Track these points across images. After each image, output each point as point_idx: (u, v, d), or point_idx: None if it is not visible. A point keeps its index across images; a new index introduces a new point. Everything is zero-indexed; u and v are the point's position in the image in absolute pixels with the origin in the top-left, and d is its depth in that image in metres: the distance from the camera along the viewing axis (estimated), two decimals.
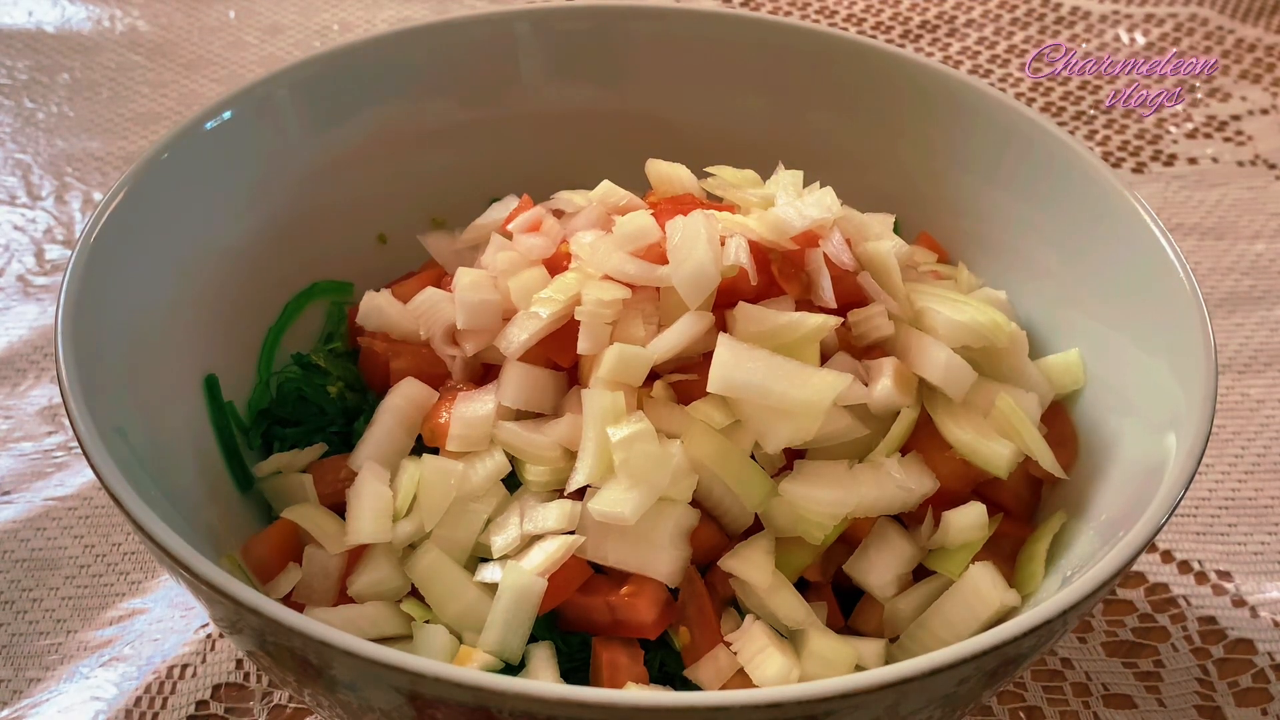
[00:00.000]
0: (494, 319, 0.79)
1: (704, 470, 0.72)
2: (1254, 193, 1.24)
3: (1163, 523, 0.65)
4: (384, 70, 0.93)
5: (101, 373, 0.71)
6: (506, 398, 0.76)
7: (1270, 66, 1.41)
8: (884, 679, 0.56)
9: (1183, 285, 0.76)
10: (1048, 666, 0.86)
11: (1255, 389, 1.05)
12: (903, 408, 0.75)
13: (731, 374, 0.70)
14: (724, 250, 0.74)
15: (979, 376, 0.77)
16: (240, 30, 1.41)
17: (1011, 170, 0.90)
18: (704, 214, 0.76)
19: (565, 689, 0.55)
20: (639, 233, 0.77)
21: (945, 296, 0.80)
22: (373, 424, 0.79)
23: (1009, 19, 1.47)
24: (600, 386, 0.72)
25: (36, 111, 1.29)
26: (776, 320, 0.73)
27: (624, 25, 0.97)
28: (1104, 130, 1.32)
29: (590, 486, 0.71)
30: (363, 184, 0.94)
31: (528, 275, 0.79)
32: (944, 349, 0.75)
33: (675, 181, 0.86)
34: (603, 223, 0.83)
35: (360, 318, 0.85)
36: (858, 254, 0.79)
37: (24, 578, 0.90)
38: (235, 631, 0.64)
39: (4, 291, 1.10)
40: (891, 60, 0.94)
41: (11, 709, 0.82)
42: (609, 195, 0.85)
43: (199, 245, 0.84)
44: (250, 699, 0.83)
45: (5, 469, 0.96)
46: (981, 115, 0.91)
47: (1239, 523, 0.95)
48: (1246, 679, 0.85)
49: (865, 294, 0.78)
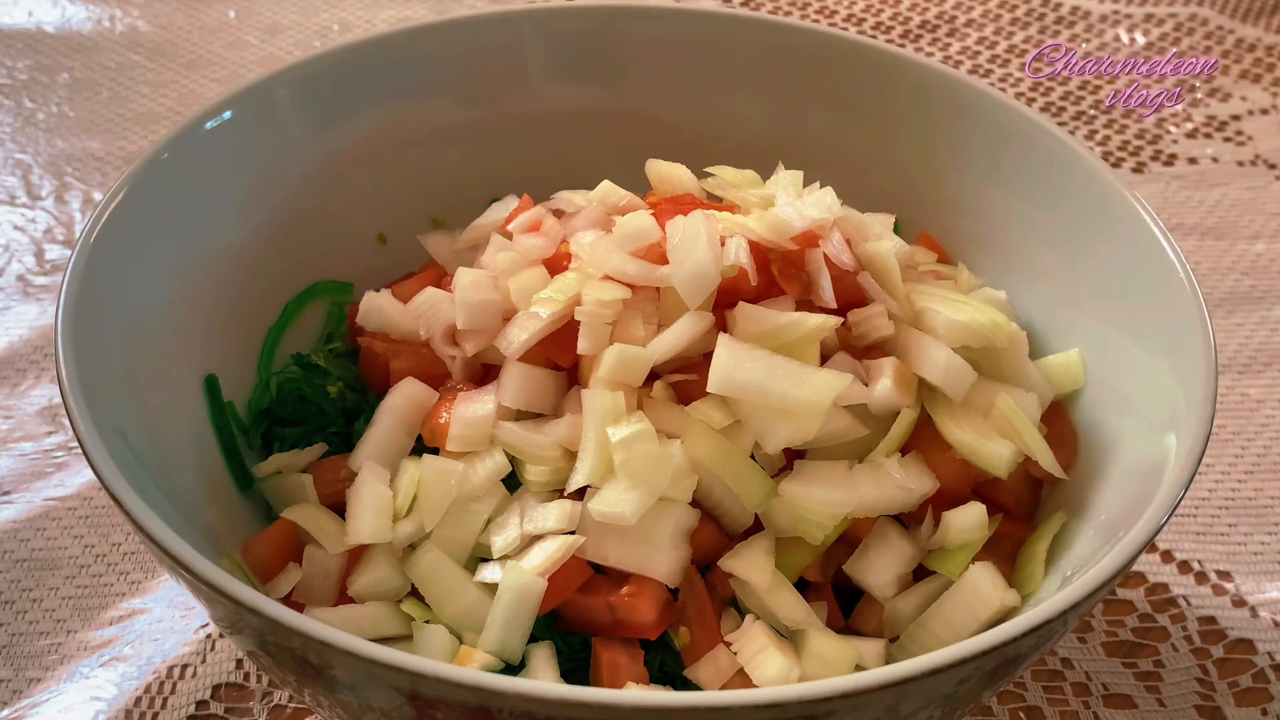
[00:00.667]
0: (494, 319, 0.79)
1: (704, 470, 0.72)
2: (1254, 193, 1.24)
3: (1163, 523, 0.65)
4: (384, 70, 0.93)
5: (101, 373, 0.71)
6: (506, 398, 0.76)
7: (1270, 66, 1.41)
8: (884, 679, 0.56)
9: (1183, 285, 0.76)
10: (1048, 666, 0.86)
11: (1255, 389, 1.05)
12: (903, 408, 0.75)
13: (731, 374, 0.70)
14: (724, 250, 0.74)
15: (979, 376, 0.77)
16: (240, 30, 1.41)
17: (1011, 170, 0.90)
18: (704, 214, 0.76)
19: (565, 689, 0.55)
20: (639, 233, 0.77)
21: (945, 296, 0.80)
22: (373, 424, 0.79)
23: (1009, 19, 1.47)
24: (600, 386, 0.72)
25: (36, 111, 1.29)
26: (776, 320, 0.73)
27: (624, 25, 0.97)
28: (1104, 130, 1.32)
29: (590, 486, 0.71)
30: (363, 184, 0.94)
31: (528, 275, 0.79)
32: (944, 349, 0.75)
33: (675, 181, 0.86)
34: (603, 223, 0.83)
35: (360, 318, 0.85)
36: (858, 254, 0.79)
37: (24, 578, 0.90)
38: (235, 631, 0.64)
39: (4, 291, 1.10)
40: (891, 60, 0.94)
41: (11, 709, 0.82)
42: (609, 195, 0.85)
43: (199, 245, 0.84)
44: (250, 699, 0.83)
45: (5, 469, 0.96)
46: (981, 115, 0.91)
47: (1239, 523, 0.95)
48: (1246, 679, 0.85)
49: (865, 294, 0.78)
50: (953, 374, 0.75)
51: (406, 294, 0.86)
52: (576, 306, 0.75)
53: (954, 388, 0.75)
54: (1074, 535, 0.75)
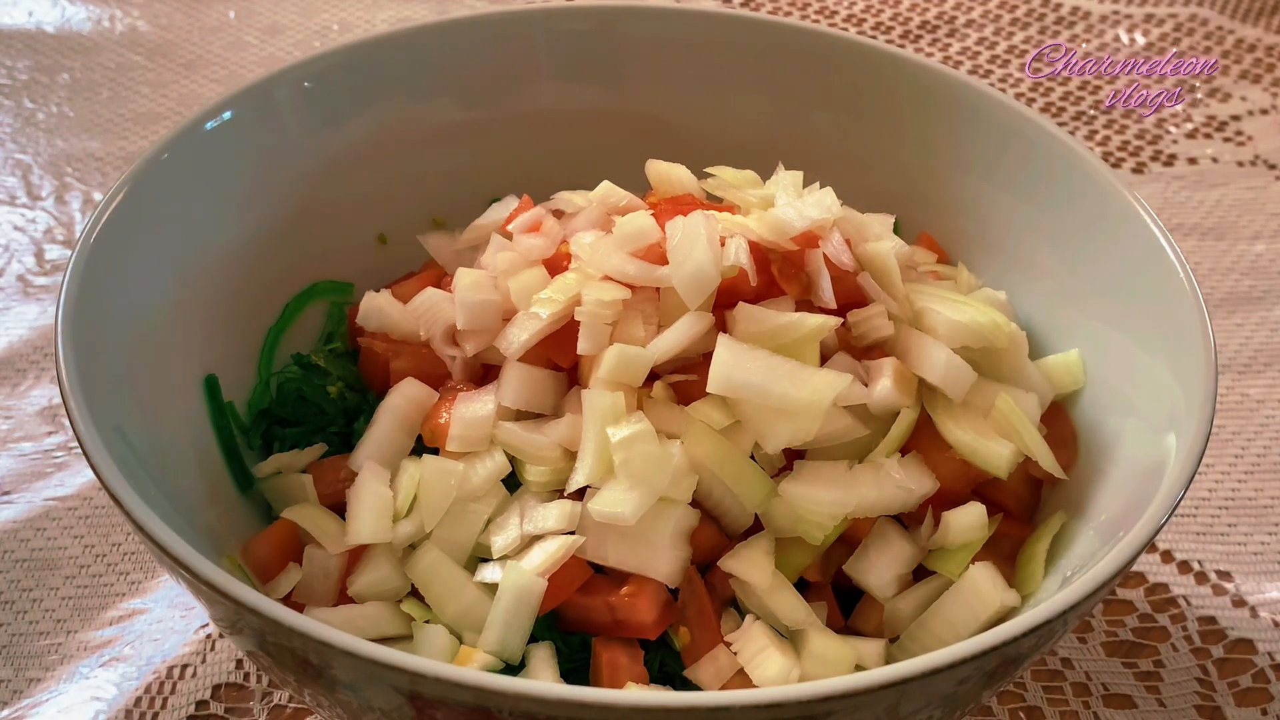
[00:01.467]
0: (494, 319, 0.79)
1: (704, 470, 0.72)
2: (1254, 193, 1.24)
3: (1163, 523, 0.65)
4: (384, 70, 0.93)
5: (101, 373, 0.71)
6: (506, 398, 0.76)
7: (1270, 66, 1.41)
8: (884, 679, 0.56)
9: (1183, 285, 0.76)
10: (1048, 666, 0.86)
11: (1255, 389, 1.05)
12: (903, 408, 0.74)
13: (731, 374, 0.70)
14: (724, 251, 0.74)
15: (979, 377, 0.77)
16: (240, 30, 1.41)
17: (1011, 170, 0.90)
18: (704, 214, 0.76)
19: (565, 689, 0.55)
20: (639, 233, 0.77)
21: (945, 297, 0.80)
22: (373, 424, 0.79)
23: (1009, 19, 1.47)
24: (600, 387, 0.72)
25: (36, 111, 1.29)
26: (776, 321, 0.73)
27: (624, 25, 0.97)
28: (1104, 130, 1.32)
29: (590, 487, 0.71)
30: (363, 184, 0.94)
31: (527, 276, 0.79)
32: (944, 349, 0.75)
33: (675, 182, 0.86)
34: (602, 223, 0.83)
35: (360, 318, 0.85)
36: (858, 254, 0.79)
37: (24, 578, 0.90)
38: (235, 631, 0.64)
39: (4, 291, 1.10)
40: (891, 60, 0.94)
41: (11, 709, 0.82)
42: (609, 195, 0.85)
43: (199, 245, 0.84)
44: (250, 699, 0.83)
45: (5, 469, 0.96)
46: (982, 115, 0.91)
47: (1239, 523, 0.95)
48: (1246, 679, 0.85)
49: (865, 294, 0.78)
50: (952, 374, 0.75)
51: (406, 294, 0.86)
52: (576, 307, 0.75)
53: (954, 388, 0.75)
54: (1074, 535, 0.75)
